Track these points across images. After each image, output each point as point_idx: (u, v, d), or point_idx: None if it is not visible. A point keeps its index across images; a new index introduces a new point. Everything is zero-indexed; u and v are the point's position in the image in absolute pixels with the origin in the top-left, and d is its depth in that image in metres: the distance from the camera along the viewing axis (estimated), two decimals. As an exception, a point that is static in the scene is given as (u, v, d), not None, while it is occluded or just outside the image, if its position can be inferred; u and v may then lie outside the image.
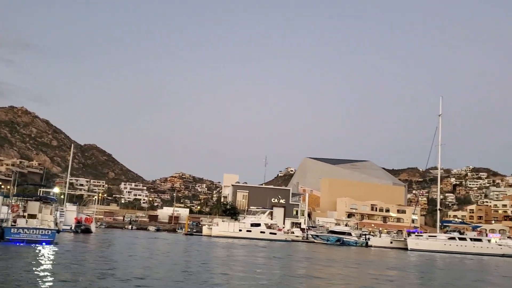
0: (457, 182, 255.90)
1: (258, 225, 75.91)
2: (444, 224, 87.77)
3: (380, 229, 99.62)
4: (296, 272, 27.75)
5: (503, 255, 75.88)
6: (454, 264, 46.99)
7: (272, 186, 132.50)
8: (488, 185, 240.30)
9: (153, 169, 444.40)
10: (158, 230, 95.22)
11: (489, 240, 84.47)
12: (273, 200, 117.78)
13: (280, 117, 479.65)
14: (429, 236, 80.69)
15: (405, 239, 79.61)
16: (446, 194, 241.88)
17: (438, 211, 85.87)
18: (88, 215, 62.21)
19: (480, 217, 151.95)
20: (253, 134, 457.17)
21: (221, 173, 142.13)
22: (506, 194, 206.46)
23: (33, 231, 31.11)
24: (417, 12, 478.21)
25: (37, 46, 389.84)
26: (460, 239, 78.27)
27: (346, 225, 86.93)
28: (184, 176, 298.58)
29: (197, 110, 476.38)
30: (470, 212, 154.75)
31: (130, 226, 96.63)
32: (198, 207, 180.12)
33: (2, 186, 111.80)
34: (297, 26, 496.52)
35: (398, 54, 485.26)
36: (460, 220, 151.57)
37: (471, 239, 79.04)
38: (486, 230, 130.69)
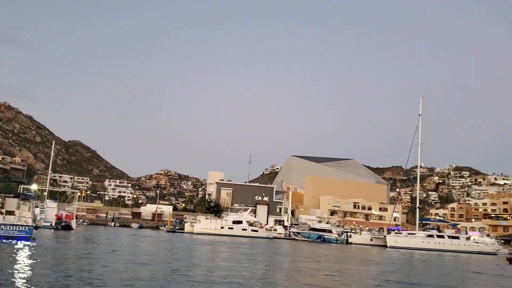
0: (440, 181, 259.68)
1: (240, 222, 76.69)
2: (423, 222, 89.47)
3: (361, 226, 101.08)
4: (267, 267, 28.53)
5: (479, 252, 77.80)
6: (426, 260, 48.21)
7: (256, 184, 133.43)
8: (470, 183, 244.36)
9: (138, 166, 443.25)
10: (141, 227, 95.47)
11: (468, 238, 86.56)
12: (257, 197, 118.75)
13: (267, 115, 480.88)
14: (408, 233, 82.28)
15: (384, 236, 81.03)
16: (429, 193, 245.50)
17: (418, 209, 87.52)
18: (69, 212, 62.32)
19: (461, 215, 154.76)
20: (239, 131, 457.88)
21: (207, 171, 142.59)
22: (487, 192, 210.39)
23: (10, 228, 31.43)
24: (399, 12, 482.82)
25: (20, 41, 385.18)
26: (438, 236, 79.99)
27: (327, 223, 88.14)
28: (169, 173, 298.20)
29: (183, 107, 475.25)
30: (451, 210, 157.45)
31: (113, 223, 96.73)
32: (183, 205, 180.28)
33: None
34: (283, 25, 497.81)
35: (383, 53, 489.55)
36: (441, 218, 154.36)
37: (449, 236, 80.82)
38: (466, 228, 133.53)
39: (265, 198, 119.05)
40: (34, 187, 55.48)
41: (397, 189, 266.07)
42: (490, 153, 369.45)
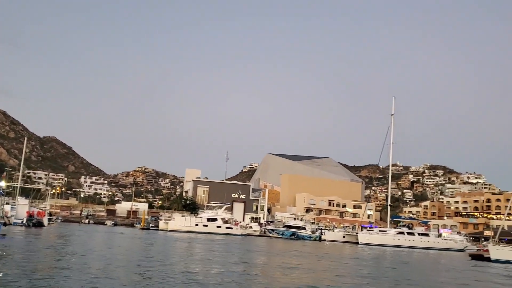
0: (415, 179, 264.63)
1: (215, 219, 77.40)
2: (395, 219, 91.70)
3: (334, 224, 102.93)
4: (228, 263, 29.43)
5: (448, 249, 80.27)
6: (391, 256, 49.87)
7: (233, 182, 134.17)
8: (444, 182, 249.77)
9: (115, 163, 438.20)
10: (115, 224, 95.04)
11: (440, 235, 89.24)
12: (234, 195, 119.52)
13: (246, 113, 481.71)
14: (379, 230, 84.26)
15: (356, 233, 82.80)
16: (404, 191, 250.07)
17: (389, 207, 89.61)
18: (41, 209, 62.04)
19: (433, 213, 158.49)
20: (218, 129, 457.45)
21: (185, 168, 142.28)
22: (460, 191, 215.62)
23: (-22, 224, 31.59)
24: (372, 13, 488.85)
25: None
26: (409, 234, 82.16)
27: (301, 220, 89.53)
28: (147, 171, 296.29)
29: (161, 104, 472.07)
30: (424, 208, 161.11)
31: (87, 221, 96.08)
32: (160, 202, 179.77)
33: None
34: (265, 23, 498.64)
35: (360, 51, 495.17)
36: (414, 216, 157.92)
37: (419, 234, 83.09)
38: (438, 225, 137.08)
39: (242, 196, 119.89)
40: (2, 184, 55.07)
41: (373, 187, 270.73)
42: (463, 152, 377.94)
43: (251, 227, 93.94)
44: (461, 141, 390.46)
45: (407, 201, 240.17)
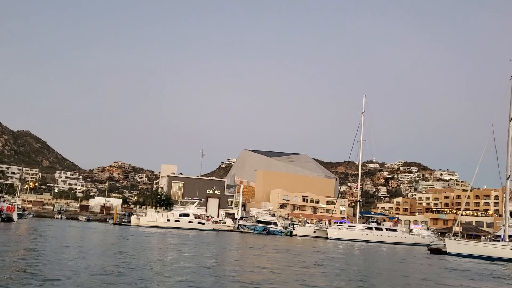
0: (390, 176, 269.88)
1: (187, 215, 78.51)
2: (364, 215, 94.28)
3: (306, 219, 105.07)
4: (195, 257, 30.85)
5: (415, 244, 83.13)
6: (352, 249, 51.94)
7: (207, 178, 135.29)
8: (418, 179, 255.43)
9: (90, 158, 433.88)
10: (88, 220, 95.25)
11: (410, 230, 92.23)
12: (208, 191, 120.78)
13: (224, 108, 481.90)
14: (349, 226, 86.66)
15: (326, 228, 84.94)
16: (379, 187, 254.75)
17: (359, 203, 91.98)
18: (11, 204, 62.22)
19: (405, 209, 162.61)
20: (195, 125, 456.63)
21: (162, 164, 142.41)
22: (433, 187, 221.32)
23: None
24: (342, 10, 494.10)
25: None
26: (377, 229, 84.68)
27: (272, 216, 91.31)
28: (123, 166, 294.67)
29: (139, 99, 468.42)
30: (396, 204, 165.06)
31: (59, 216, 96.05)
32: (136, 198, 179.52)
33: None
34: (244, 19, 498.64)
35: (336, 47, 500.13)
36: (387, 211, 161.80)
37: (386, 229, 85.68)
38: (410, 221, 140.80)
39: (217, 192, 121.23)
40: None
41: (349, 183, 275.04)
42: (438, 150, 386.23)
43: (224, 223, 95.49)
44: (436, 139, 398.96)
45: (382, 197, 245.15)
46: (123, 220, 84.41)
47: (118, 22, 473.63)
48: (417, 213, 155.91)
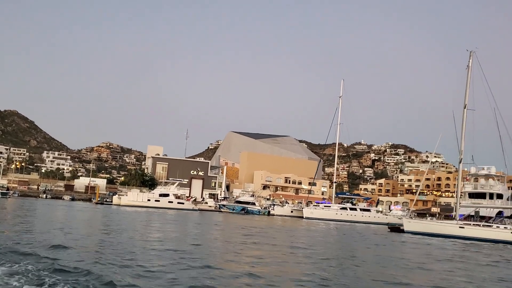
0: (376, 158, 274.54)
1: (167, 195, 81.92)
2: (339, 195, 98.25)
3: (286, 200, 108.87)
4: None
5: (387, 224, 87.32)
6: (319, 226, 55.57)
7: (191, 159, 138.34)
8: (404, 161, 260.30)
9: (79, 138, 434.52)
10: (73, 199, 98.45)
11: (390, 211, 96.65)
12: (192, 172, 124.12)
13: (214, 89, 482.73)
14: (324, 206, 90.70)
15: (302, 208, 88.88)
16: (365, 169, 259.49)
17: (334, 184, 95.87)
18: (-7, 184, 65.30)
19: (387, 190, 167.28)
20: (184, 106, 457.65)
21: (152, 145, 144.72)
22: (418, 169, 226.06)
23: None
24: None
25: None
26: (351, 209, 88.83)
27: (251, 196, 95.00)
28: (111, 146, 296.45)
29: (129, 79, 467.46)
30: (379, 186, 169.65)
31: (44, 195, 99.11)
32: (123, 178, 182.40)
33: None
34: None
35: (322, 26, 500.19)
36: (370, 192, 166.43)
37: (360, 209, 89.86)
38: (391, 202, 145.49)
39: (200, 173, 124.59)
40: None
41: (337, 165, 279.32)
42: (424, 133, 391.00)
43: (206, 203, 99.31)
44: (423, 122, 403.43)
45: (368, 178, 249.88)
46: (106, 200, 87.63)
47: (104, 2, 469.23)
48: (398, 195, 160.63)
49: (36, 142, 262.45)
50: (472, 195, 61.23)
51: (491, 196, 59.04)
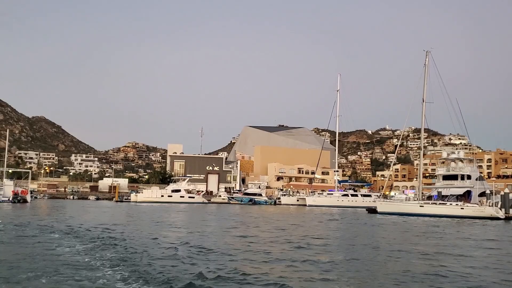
0: (399, 143, 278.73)
1: (179, 190, 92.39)
2: (342, 183, 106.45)
3: (296, 189, 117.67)
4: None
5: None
6: (311, 211, 64.46)
7: (206, 156, 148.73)
8: (427, 144, 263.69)
9: (105, 139, 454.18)
10: (97, 199, 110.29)
11: (385, 195, 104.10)
12: (208, 168, 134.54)
13: (234, 84, 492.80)
14: (327, 193, 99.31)
15: (306, 197, 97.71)
16: (388, 155, 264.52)
17: (336, 172, 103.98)
18: (24, 188, 76.73)
19: (404, 176, 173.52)
20: (200, 103, 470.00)
21: (175, 143, 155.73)
22: (440, 152, 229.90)
23: (-29, 201, 46.43)
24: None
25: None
26: (352, 195, 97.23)
27: (258, 188, 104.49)
28: (137, 146, 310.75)
29: (153, 80, 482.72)
30: (395, 171, 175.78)
31: (71, 196, 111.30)
32: (147, 176, 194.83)
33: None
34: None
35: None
36: (386, 178, 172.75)
37: (362, 195, 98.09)
38: (407, 187, 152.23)
39: (216, 168, 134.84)
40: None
41: (359, 152, 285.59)
42: (447, 114, 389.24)
43: (220, 196, 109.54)
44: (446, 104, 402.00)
45: (391, 164, 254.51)
46: (125, 198, 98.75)
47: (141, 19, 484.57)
48: (415, 179, 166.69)
49: (64, 146, 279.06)
50: (445, 177, 68.81)
51: (462, 177, 66.51)
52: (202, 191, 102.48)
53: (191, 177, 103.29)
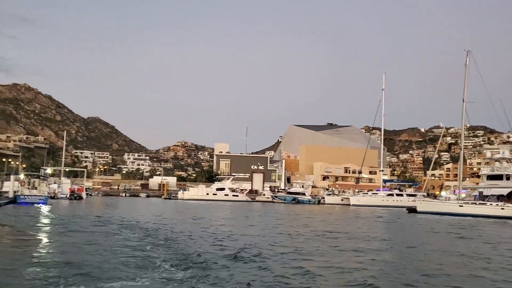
0: (453, 141, 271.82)
1: (223, 189, 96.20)
2: (387, 183, 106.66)
3: (340, 189, 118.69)
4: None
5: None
6: (352, 211, 66.09)
7: (251, 155, 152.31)
8: (483, 143, 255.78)
9: (156, 139, 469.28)
10: (148, 196, 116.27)
11: (428, 195, 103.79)
12: (253, 167, 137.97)
13: (280, 82, 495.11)
14: (372, 193, 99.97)
15: (350, 196, 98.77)
16: (441, 153, 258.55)
17: (381, 172, 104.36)
18: (80, 186, 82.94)
19: (455, 175, 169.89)
20: (249, 103, 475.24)
21: (224, 141, 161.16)
22: (498, 151, 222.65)
23: (33, 197, 51.68)
24: None
25: (33, 20, 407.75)
26: (398, 195, 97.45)
27: (302, 187, 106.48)
28: (186, 145, 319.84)
29: (202, 79, 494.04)
30: (447, 171, 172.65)
31: (123, 194, 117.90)
32: (195, 175, 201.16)
33: (12, 162, 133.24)
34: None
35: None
36: (436, 178, 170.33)
37: (407, 195, 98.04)
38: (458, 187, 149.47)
39: (261, 167, 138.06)
40: (48, 170, 76.41)
41: (411, 151, 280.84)
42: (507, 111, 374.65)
43: (264, 195, 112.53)
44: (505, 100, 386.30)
45: (444, 163, 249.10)
46: (172, 195, 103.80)
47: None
48: (467, 179, 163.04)
49: (118, 145, 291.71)
50: (489, 177, 68.39)
51: (508, 177, 65.97)
52: (246, 190, 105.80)
53: (235, 176, 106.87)
